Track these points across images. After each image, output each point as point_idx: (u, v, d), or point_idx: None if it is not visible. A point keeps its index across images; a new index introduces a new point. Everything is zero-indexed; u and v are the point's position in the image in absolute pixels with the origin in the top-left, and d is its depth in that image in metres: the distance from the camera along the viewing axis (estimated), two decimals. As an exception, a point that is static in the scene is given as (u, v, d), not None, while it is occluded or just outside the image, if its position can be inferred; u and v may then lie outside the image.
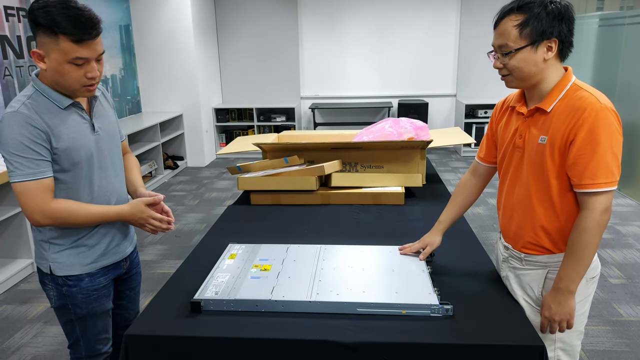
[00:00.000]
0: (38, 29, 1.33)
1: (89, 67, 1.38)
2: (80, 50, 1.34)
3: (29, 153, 1.35)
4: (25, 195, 1.37)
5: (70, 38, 1.31)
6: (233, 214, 2.32)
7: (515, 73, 1.35)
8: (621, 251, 3.66)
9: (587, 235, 1.29)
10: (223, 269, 1.59)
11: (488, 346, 1.24)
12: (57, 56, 1.34)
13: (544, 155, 1.36)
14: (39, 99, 1.41)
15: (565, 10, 1.31)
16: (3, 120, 1.36)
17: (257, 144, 2.63)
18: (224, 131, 7.16)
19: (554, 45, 1.31)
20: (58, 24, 1.30)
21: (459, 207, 1.70)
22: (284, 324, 1.34)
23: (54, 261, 1.52)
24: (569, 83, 1.35)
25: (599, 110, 1.26)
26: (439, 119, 7.18)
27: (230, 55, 7.05)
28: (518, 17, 1.30)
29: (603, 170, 1.26)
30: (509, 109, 1.52)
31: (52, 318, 2.87)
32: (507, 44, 1.33)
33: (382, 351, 1.26)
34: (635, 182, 4.90)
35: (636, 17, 4.88)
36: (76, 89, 1.41)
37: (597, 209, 1.28)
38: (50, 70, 1.37)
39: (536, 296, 1.46)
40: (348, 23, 6.88)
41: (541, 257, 1.45)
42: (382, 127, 2.74)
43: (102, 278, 1.59)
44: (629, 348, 2.45)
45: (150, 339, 1.32)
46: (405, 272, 1.56)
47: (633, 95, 4.92)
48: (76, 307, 1.56)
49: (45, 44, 1.34)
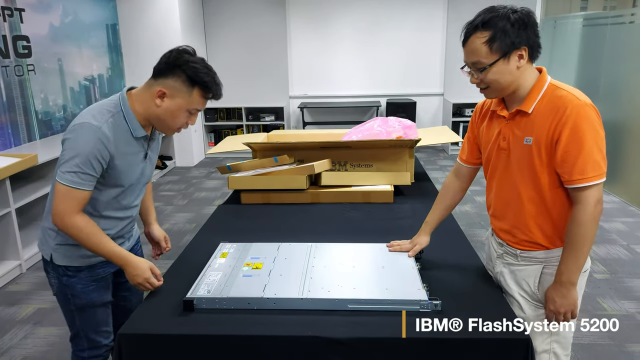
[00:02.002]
0: (176, 74, 1.45)
1: (195, 117, 1.54)
2: (202, 104, 1.51)
3: (89, 168, 1.42)
4: (62, 197, 1.42)
5: (204, 95, 1.48)
6: (223, 213, 2.33)
7: (493, 85, 1.39)
8: (605, 247, 3.73)
9: (583, 228, 1.33)
10: (215, 268, 1.61)
11: (476, 340, 1.28)
12: (182, 103, 1.47)
13: (531, 155, 1.39)
14: (119, 121, 1.49)
15: (528, 17, 1.34)
16: (83, 127, 1.42)
17: (247, 144, 2.64)
18: (213, 131, 7.14)
19: (525, 53, 1.35)
20: (201, 80, 1.45)
21: (445, 208, 1.74)
22: (275, 321, 1.36)
23: (55, 250, 1.57)
24: (546, 83, 1.39)
25: (580, 107, 1.30)
26: (427, 117, 7.24)
27: (218, 54, 7.03)
28: (484, 34, 1.33)
29: (591, 165, 1.30)
30: (489, 113, 1.55)
31: (41, 319, 2.86)
32: (480, 61, 1.36)
33: (372, 346, 1.28)
34: (619, 179, 5.00)
35: (619, 17, 4.98)
36: (172, 130, 1.55)
37: (590, 202, 1.32)
38: (164, 110, 1.48)
39: (532, 291, 1.49)
40: (336, 22, 6.90)
41: (537, 252, 1.48)
42: (371, 127, 2.77)
43: (100, 270, 1.63)
44: (613, 341, 2.51)
45: (143, 337, 1.33)
46: (395, 268, 1.59)
47: (616, 94, 5.02)
48: (75, 298, 1.61)
49: (175, 89, 1.46)
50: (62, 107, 4.69)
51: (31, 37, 4.23)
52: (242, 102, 6.95)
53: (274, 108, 7.05)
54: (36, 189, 3.73)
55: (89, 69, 5.19)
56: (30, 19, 4.23)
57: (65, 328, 2.72)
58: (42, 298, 3.12)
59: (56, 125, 4.60)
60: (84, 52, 5.09)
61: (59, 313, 2.91)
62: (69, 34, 4.82)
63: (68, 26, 4.80)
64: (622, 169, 4.96)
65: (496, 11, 1.33)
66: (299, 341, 1.30)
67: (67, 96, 4.79)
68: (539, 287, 1.48)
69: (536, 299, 1.49)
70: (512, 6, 1.35)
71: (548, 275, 1.46)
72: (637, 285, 3.13)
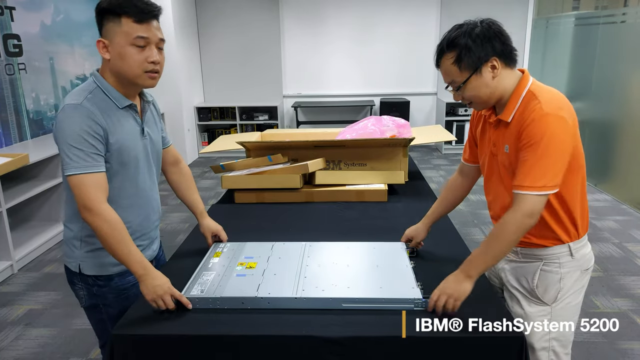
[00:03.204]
0: (104, 17, 1.39)
1: (150, 51, 1.41)
2: (140, 29, 1.38)
3: (87, 146, 1.36)
4: (79, 189, 1.35)
5: (133, 19, 1.37)
6: (217, 212, 2.31)
7: (474, 100, 1.41)
8: (597, 245, 3.75)
9: (503, 229, 1.32)
10: (208, 268, 1.60)
11: (470, 338, 1.28)
12: (120, 39, 1.38)
13: (511, 162, 1.41)
14: (99, 96, 1.43)
15: (489, 29, 1.34)
16: (64, 111, 1.37)
17: (241, 143, 2.63)
18: (206, 130, 7.11)
19: (496, 63, 1.35)
20: (120, 5, 1.36)
21: (447, 204, 1.77)
22: (270, 320, 1.35)
23: (83, 260, 1.51)
24: (524, 90, 1.37)
25: (541, 117, 1.28)
26: (420, 117, 7.26)
27: (211, 54, 7.01)
28: (451, 55, 1.36)
29: (533, 176, 1.29)
30: (483, 117, 1.56)
31: (33, 320, 2.84)
32: (454, 80, 1.38)
33: (367, 345, 1.28)
34: (611, 177, 5.03)
35: (610, 16, 5.01)
36: (138, 74, 1.42)
37: (520, 210, 1.30)
38: (113, 58, 1.40)
39: (530, 287, 1.49)
40: (330, 22, 6.90)
41: (536, 250, 1.48)
42: (365, 125, 2.76)
43: (131, 277, 1.56)
44: (606, 339, 2.53)
45: (136, 338, 1.32)
46: (389, 267, 1.59)
47: (608, 93, 5.05)
48: (108, 307, 1.56)
49: (109, 30, 1.39)
50: (53, 107, 4.65)
51: (22, 35, 4.18)
52: (235, 102, 6.93)
53: (268, 107, 7.03)
54: (28, 189, 3.69)
55: (81, 68, 5.15)
56: (21, 18, 4.19)
57: (57, 329, 2.73)
58: (33, 299, 3.10)
59: (48, 125, 4.56)
60: (76, 51, 5.05)
61: (50, 314, 2.91)
62: (61, 33, 4.78)
63: (60, 25, 4.76)
64: (614, 168, 4.99)
65: (460, 29, 1.35)
66: (294, 341, 1.29)
67: (59, 95, 4.75)
68: (538, 283, 1.48)
69: (534, 296, 1.49)
70: (475, 21, 1.36)
71: (547, 273, 1.46)
72: (629, 283, 3.15)
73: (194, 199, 1.86)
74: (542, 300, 1.48)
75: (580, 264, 1.47)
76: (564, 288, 1.47)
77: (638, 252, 3.63)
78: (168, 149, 1.79)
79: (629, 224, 4.19)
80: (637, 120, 4.58)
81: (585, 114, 5.44)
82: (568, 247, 1.45)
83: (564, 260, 1.46)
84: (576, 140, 1.36)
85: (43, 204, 4.08)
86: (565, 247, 1.45)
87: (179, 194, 1.86)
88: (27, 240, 3.78)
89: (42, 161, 3.82)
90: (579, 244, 1.47)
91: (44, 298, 3.10)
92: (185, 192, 1.85)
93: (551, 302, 1.47)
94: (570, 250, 1.46)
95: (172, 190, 1.85)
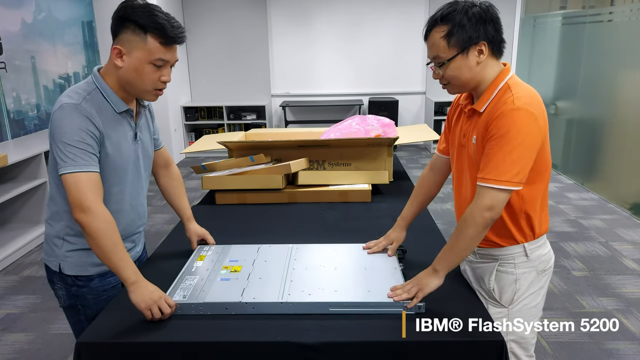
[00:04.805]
0: (125, 26, 1.34)
1: (166, 71, 1.40)
2: (165, 53, 1.36)
3: (84, 145, 1.33)
4: (76, 187, 1.31)
5: (159, 40, 1.34)
6: (198, 214, 2.24)
7: (453, 81, 1.37)
8: (584, 244, 3.75)
9: (464, 223, 1.31)
10: (192, 272, 1.55)
11: (453, 342, 1.24)
12: (140, 55, 1.35)
13: (476, 154, 1.38)
14: (97, 98, 1.40)
15: (487, 12, 1.31)
16: (62, 109, 1.34)
17: (222, 142, 2.58)
18: (194, 130, 7.04)
19: (484, 48, 1.32)
20: (150, 24, 1.32)
21: (420, 203, 1.73)
22: (254, 326, 1.30)
23: (64, 259, 1.48)
24: (502, 82, 1.35)
25: (512, 110, 1.26)
26: (409, 116, 7.24)
27: (198, 53, 6.94)
28: (443, 28, 1.32)
29: (497, 169, 1.26)
30: (459, 107, 1.53)
31: (9, 325, 2.76)
32: (439, 56, 1.34)
33: (354, 351, 1.24)
34: (597, 176, 5.05)
35: (597, 15, 5.02)
36: (147, 91, 1.41)
37: (481, 203, 1.28)
38: (127, 69, 1.37)
39: (487, 288, 1.48)
40: (318, 21, 6.86)
41: (491, 250, 1.47)
42: (349, 125, 2.73)
43: (112, 278, 1.54)
44: (591, 339, 2.52)
45: (110, 346, 1.25)
46: (378, 270, 1.55)
47: (594, 92, 5.06)
48: (86, 308, 1.52)
49: (130, 42, 1.34)
50: (35, 106, 4.56)
51: (2, 33, 4.10)
52: (223, 101, 6.87)
53: (256, 107, 6.98)
54: (6, 191, 3.61)
55: (63, 67, 5.06)
56: (1, 15, 4.10)
57: (35, 334, 2.66)
58: (11, 303, 3.02)
59: (29, 125, 4.47)
60: (58, 50, 4.96)
61: (28, 318, 2.84)
62: (42, 31, 4.69)
63: (41, 23, 4.67)
64: (600, 167, 5.01)
65: (456, 5, 1.32)
66: (279, 347, 1.24)
67: (41, 95, 4.66)
68: (494, 285, 1.47)
69: (492, 297, 1.48)
70: (472, 1, 1.33)
71: (502, 273, 1.46)
72: (615, 282, 3.15)
73: (182, 203, 1.83)
74: (499, 302, 1.47)
75: (535, 264, 1.46)
76: (520, 289, 1.45)
77: (624, 251, 3.63)
78: (160, 151, 1.77)
79: (616, 222, 4.20)
80: (624, 119, 4.60)
81: (572, 113, 5.45)
82: (523, 247, 1.44)
83: (518, 260, 1.45)
84: (544, 141, 1.33)
85: (22, 205, 3.99)
86: (520, 248, 1.44)
87: (167, 197, 1.83)
88: (5, 242, 3.69)
89: (21, 162, 3.73)
90: (535, 245, 1.45)
91: (23, 302, 3.03)
92: (174, 196, 1.82)
93: (508, 303, 1.46)
94: (525, 250, 1.44)
95: (161, 192, 1.83)
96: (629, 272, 3.30)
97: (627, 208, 4.47)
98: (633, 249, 3.66)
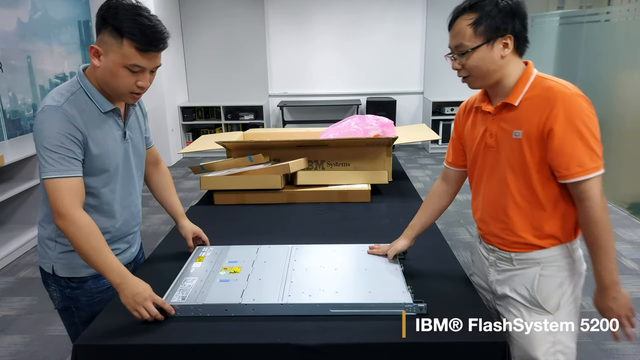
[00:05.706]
0: (105, 26, 1.30)
1: (142, 76, 1.36)
2: (140, 59, 1.31)
3: (63, 150, 1.31)
4: (53, 194, 1.30)
5: (135, 45, 1.29)
6: (196, 214, 2.24)
7: (474, 72, 1.33)
8: (582, 244, 3.74)
9: (600, 224, 1.26)
10: (190, 273, 1.53)
11: (453, 343, 1.23)
12: (115, 58, 1.31)
13: (522, 149, 1.32)
14: (81, 98, 1.38)
15: (517, 6, 1.29)
16: (43, 112, 1.32)
17: (221, 142, 2.56)
18: (191, 130, 7.02)
19: (510, 42, 1.30)
20: (127, 28, 1.27)
21: (430, 213, 1.65)
22: (254, 328, 1.29)
23: (57, 261, 1.47)
24: (532, 75, 1.33)
25: (571, 97, 1.25)
26: (407, 116, 7.23)
27: (196, 53, 6.91)
28: (471, 16, 1.29)
29: (589, 156, 1.24)
30: (473, 110, 1.49)
31: (5, 327, 2.74)
32: (463, 44, 1.31)
33: (355, 352, 1.22)
34: (596, 176, 5.04)
35: (594, 15, 5.02)
36: (122, 94, 1.38)
37: (596, 195, 1.25)
38: (102, 70, 1.34)
39: (531, 296, 1.40)
40: (316, 20, 6.85)
41: (532, 253, 1.39)
42: (348, 125, 2.71)
43: (105, 280, 1.47)
44: (590, 339, 2.51)
45: (108, 349, 1.23)
46: (379, 271, 1.53)
47: (592, 92, 5.05)
48: (80, 310, 1.51)
49: (107, 43, 1.31)
50: (31, 106, 4.53)
51: (-3, 33, 4.07)
52: (220, 101, 6.85)
53: (253, 107, 6.96)
54: (2, 191, 3.58)
55: (60, 67, 5.03)
56: (-4, 15, 4.07)
57: (31, 336, 2.63)
58: (7, 305, 3.00)
59: (25, 125, 4.44)
60: (54, 49, 4.93)
61: (25, 320, 2.81)
62: (39, 31, 4.66)
63: (37, 22, 4.64)
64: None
65: None
66: (279, 349, 1.23)
67: (37, 95, 4.63)
68: (538, 291, 1.39)
69: (536, 304, 1.39)
70: None
71: (546, 278, 1.37)
72: (614, 282, 3.14)
73: (173, 201, 1.80)
74: (544, 309, 1.38)
75: (577, 265, 1.40)
76: (566, 294, 1.38)
77: (623, 250, 3.63)
78: (149, 150, 1.74)
79: (614, 222, 4.19)
80: (622, 119, 4.60)
81: (570, 113, 5.45)
82: (566, 247, 1.38)
83: (563, 262, 1.38)
84: None
85: (19, 206, 3.96)
86: (564, 248, 1.38)
87: (157, 195, 1.80)
88: (1, 244, 3.66)
89: (18, 162, 3.71)
90: (576, 244, 1.40)
91: (19, 304, 3.00)
92: (164, 194, 1.79)
93: (554, 310, 1.38)
94: (568, 251, 1.38)
95: (151, 191, 1.80)
96: (628, 271, 3.30)
97: (625, 208, 4.47)
98: (632, 249, 3.66)
